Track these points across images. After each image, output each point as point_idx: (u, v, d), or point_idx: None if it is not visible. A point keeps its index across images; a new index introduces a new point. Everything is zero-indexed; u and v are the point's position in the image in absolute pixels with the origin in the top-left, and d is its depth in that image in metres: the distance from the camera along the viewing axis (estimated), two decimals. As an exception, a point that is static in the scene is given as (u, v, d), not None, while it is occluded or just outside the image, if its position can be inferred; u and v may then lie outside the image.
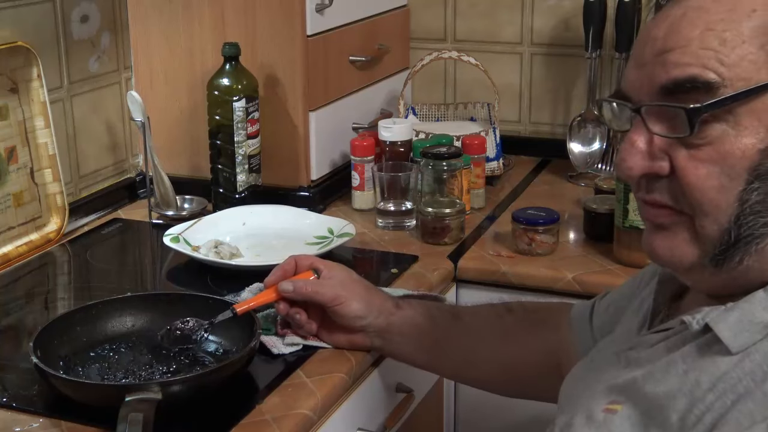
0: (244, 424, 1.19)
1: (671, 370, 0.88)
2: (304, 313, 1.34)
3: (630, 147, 0.88)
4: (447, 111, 2.20)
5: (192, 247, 1.66)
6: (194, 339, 1.31)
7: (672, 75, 0.85)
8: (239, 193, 1.85)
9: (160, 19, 1.94)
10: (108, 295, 1.44)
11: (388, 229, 1.83)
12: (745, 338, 0.84)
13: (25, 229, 1.73)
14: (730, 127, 0.84)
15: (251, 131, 1.84)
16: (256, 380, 1.29)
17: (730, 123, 0.83)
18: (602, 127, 2.08)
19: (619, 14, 2.03)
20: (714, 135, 0.84)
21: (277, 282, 1.35)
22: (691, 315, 0.88)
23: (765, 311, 0.85)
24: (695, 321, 0.88)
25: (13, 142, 1.71)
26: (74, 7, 1.85)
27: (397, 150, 1.92)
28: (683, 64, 0.84)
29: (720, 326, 0.85)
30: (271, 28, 1.87)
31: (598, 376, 0.98)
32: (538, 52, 2.26)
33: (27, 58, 1.71)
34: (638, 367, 0.92)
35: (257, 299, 1.34)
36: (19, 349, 1.39)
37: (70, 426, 1.18)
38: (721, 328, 0.85)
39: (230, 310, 1.31)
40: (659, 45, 0.87)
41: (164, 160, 1.91)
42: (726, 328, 0.85)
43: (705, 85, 0.83)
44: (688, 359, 0.87)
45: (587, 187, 2.04)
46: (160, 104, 1.97)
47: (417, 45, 2.32)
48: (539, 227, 1.70)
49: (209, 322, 1.32)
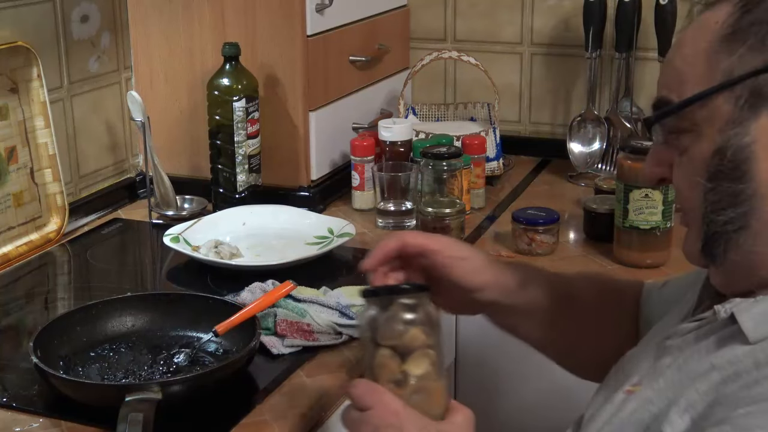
0: (244, 424, 1.19)
1: (693, 358, 0.92)
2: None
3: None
4: (447, 111, 2.20)
5: (192, 247, 1.66)
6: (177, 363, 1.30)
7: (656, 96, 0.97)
8: (239, 193, 1.85)
9: (160, 19, 1.94)
10: (108, 295, 1.44)
11: (388, 229, 1.83)
12: (764, 330, 0.88)
13: (25, 229, 1.73)
14: (696, 135, 0.93)
15: (251, 131, 1.84)
16: (256, 380, 1.29)
17: (695, 132, 0.92)
18: (602, 127, 2.08)
19: (619, 14, 2.03)
20: (687, 143, 0.94)
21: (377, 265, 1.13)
22: (723, 304, 0.92)
23: None
24: (723, 310, 0.92)
25: (13, 142, 1.71)
26: (74, 7, 1.85)
27: (397, 150, 1.92)
28: (660, 85, 0.97)
29: (744, 316, 0.89)
30: (271, 28, 1.87)
31: (637, 364, 1.03)
32: (538, 52, 2.26)
33: (27, 58, 1.71)
34: (668, 355, 0.97)
35: (240, 317, 1.32)
36: (19, 349, 1.39)
37: (70, 426, 1.18)
38: (745, 318, 0.89)
39: (212, 332, 1.31)
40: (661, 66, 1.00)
41: (164, 160, 1.91)
42: (749, 318, 0.89)
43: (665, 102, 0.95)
44: (711, 347, 0.91)
45: (587, 187, 2.04)
46: (160, 104, 1.97)
47: (417, 45, 2.32)
48: (539, 227, 1.70)
49: (193, 348, 1.31)
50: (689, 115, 0.92)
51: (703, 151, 0.92)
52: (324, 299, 1.45)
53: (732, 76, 0.89)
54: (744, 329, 0.88)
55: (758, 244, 0.91)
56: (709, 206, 0.92)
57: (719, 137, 0.90)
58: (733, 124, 0.89)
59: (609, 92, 2.14)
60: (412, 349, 1.01)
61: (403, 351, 1.01)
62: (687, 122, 0.93)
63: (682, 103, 0.92)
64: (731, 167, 0.90)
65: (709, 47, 0.91)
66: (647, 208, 1.62)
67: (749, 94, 0.89)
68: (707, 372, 0.89)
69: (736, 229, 0.91)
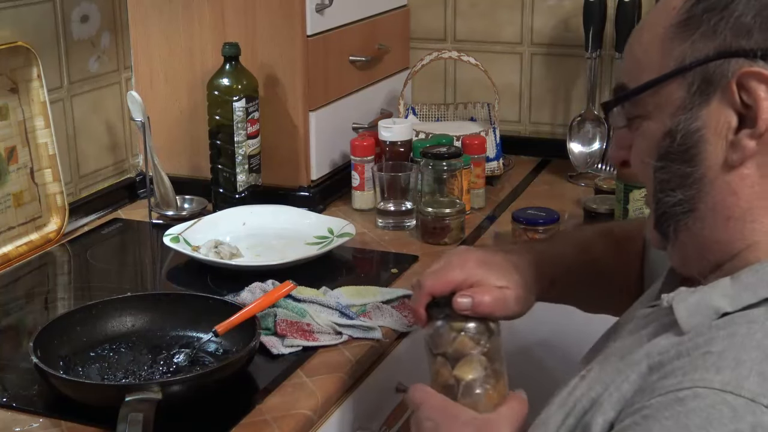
0: (244, 424, 1.19)
1: (635, 346, 0.92)
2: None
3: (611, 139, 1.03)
4: (447, 111, 2.20)
5: (192, 247, 1.66)
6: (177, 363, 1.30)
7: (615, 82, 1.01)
8: (239, 193, 1.85)
9: (160, 19, 1.94)
10: (108, 295, 1.44)
11: (388, 229, 1.83)
12: (696, 321, 0.88)
13: (25, 229, 1.73)
14: (648, 118, 0.95)
15: (251, 131, 1.84)
16: (256, 380, 1.29)
17: (647, 115, 0.95)
18: (602, 127, 2.08)
19: (619, 14, 2.03)
20: (641, 126, 0.96)
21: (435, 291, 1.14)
22: (671, 293, 0.93)
23: (722, 298, 0.88)
24: (666, 299, 0.92)
25: (13, 142, 1.71)
26: (74, 7, 1.85)
27: (397, 150, 1.92)
28: (621, 71, 1.00)
29: (680, 306, 0.90)
30: (271, 28, 1.87)
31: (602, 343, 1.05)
32: (538, 52, 2.26)
33: (27, 58, 1.71)
34: (620, 339, 0.99)
35: (240, 317, 1.32)
36: (19, 349, 1.39)
37: (70, 426, 1.18)
38: (681, 308, 0.89)
39: (212, 332, 1.31)
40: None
41: (164, 160, 1.91)
42: (684, 308, 0.89)
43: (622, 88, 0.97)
44: (650, 335, 0.92)
45: (587, 187, 2.04)
46: (160, 104, 1.97)
47: (417, 45, 2.32)
48: (539, 227, 1.70)
49: (193, 348, 1.31)
50: (643, 101, 0.94)
51: (654, 133, 0.94)
52: (324, 299, 1.45)
53: (684, 62, 0.91)
54: (678, 319, 0.89)
55: (706, 228, 0.93)
56: (658, 185, 0.95)
57: (669, 121, 0.92)
58: (684, 109, 0.91)
59: (609, 92, 2.14)
60: (463, 356, 1.07)
61: (455, 358, 1.08)
62: (641, 108, 0.95)
63: (637, 89, 0.94)
64: (681, 150, 0.92)
65: (664, 33, 0.92)
66: (647, 208, 1.61)
67: (701, 81, 0.90)
68: (640, 361, 0.89)
69: (685, 211, 0.93)
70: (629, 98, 0.96)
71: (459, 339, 1.08)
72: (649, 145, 0.95)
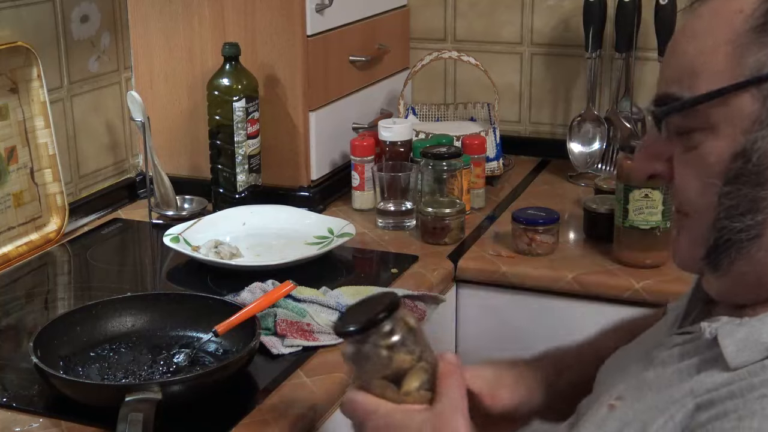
0: (244, 424, 1.19)
1: (675, 380, 0.87)
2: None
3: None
4: (447, 111, 2.20)
5: (192, 247, 1.66)
6: (177, 363, 1.30)
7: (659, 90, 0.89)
8: (239, 193, 1.85)
9: (160, 19, 1.94)
10: (108, 295, 1.44)
11: (388, 229, 1.83)
12: (745, 357, 0.82)
13: (25, 229, 1.73)
14: (710, 133, 0.84)
15: (251, 131, 1.84)
16: (256, 380, 1.29)
17: (709, 129, 0.84)
18: (602, 127, 2.08)
19: (619, 14, 2.03)
20: (698, 140, 0.85)
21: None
22: (709, 322, 0.87)
23: None
24: (709, 330, 0.86)
25: (13, 142, 1.71)
26: (74, 7, 1.85)
27: (397, 150, 1.92)
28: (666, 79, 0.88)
29: (727, 340, 0.84)
30: (271, 28, 1.87)
31: (624, 369, 0.97)
32: (538, 52, 2.26)
33: (27, 58, 1.71)
34: (652, 369, 0.91)
35: (240, 317, 1.32)
36: (19, 349, 1.39)
37: (70, 426, 1.18)
38: (728, 342, 0.83)
39: (212, 332, 1.31)
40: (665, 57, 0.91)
41: (164, 160, 1.91)
42: (732, 342, 0.83)
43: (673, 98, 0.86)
44: (692, 370, 0.86)
45: (587, 187, 2.04)
46: (160, 104, 1.97)
47: (417, 45, 2.32)
48: (539, 227, 1.70)
49: (193, 348, 1.31)
50: (704, 112, 0.84)
51: (719, 152, 0.84)
52: (324, 299, 1.45)
53: (762, 72, 0.81)
54: (725, 354, 0.82)
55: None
56: (723, 211, 0.85)
57: (743, 138, 0.82)
58: (760, 125, 0.82)
59: (609, 92, 2.14)
60: (404, 372, 0.97)
61: (397, 378, 0.98)
62: (701, 119, 0.85)
63: (697, 99, 0.84)
64: (755, 171, 0.82)
65: (734, 39, 0.83)
66: (647, 208, 1.62)
67: None
68: (683, 398, 0.84)
69: (751, 237, 0.84)
70: (688, 107, 0.85)
71: (394, 358, 0.96)
72: (711, 165, 0.84)
